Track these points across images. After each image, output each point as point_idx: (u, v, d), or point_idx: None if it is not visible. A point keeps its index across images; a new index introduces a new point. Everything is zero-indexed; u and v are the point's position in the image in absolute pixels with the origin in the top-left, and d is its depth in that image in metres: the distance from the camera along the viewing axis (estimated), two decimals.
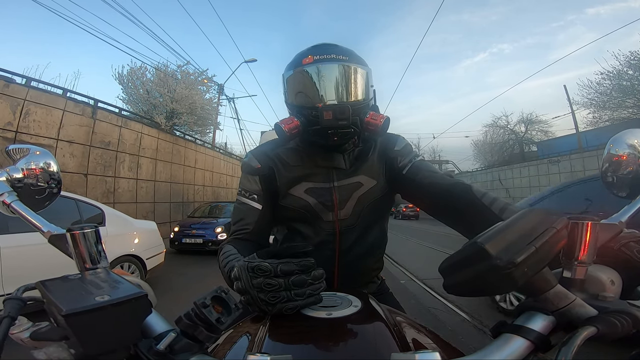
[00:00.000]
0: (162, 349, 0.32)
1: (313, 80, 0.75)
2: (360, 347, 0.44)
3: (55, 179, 0.56)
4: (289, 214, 0.83)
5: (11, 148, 0.55)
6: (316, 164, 0.82)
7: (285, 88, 0.82)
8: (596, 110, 14.61)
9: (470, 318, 3.05)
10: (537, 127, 21.52)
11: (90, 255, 0.39)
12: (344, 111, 0.71)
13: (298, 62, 0.77)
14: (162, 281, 4.30)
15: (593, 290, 0.36)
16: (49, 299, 0.30)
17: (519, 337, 0.34)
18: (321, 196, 0.80)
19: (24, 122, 5.69)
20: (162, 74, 11.19)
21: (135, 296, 0.31)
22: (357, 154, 0.84)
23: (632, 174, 0.49)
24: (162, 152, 9.70)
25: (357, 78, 0.77)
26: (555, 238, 0.32)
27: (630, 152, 0.49)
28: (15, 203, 0.48)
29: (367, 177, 0.82)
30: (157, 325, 0.36)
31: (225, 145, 18.97)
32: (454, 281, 0.33)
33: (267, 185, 0.82)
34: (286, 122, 0.76)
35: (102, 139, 7.38)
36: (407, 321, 0.57)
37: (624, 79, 13.22)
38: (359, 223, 0.82)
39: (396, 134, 0.88)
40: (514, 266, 0.29)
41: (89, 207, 3.49)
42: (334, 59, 0.75)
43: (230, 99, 15.89)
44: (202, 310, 0.33)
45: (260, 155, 0.84)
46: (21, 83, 5.86)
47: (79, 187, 6.54)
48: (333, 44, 0.79)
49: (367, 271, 0.87)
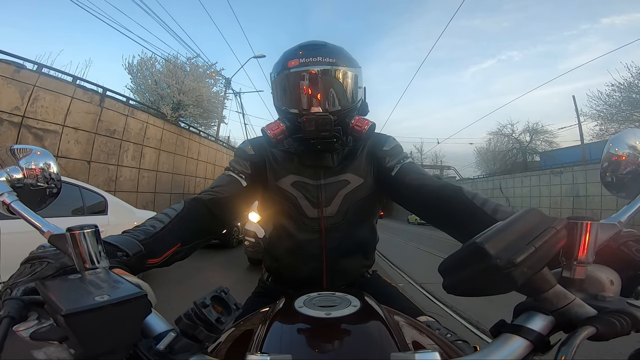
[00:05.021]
0: (162, 349, 0.33)
1: (297, 85, 0.74)
2: (359, 347, 0.44)
3: (55, 180, 0.56)
4: (276, 208, 0.84)
5: (14, 148, 0.56)
6: (305, 163, 0.82)
7: (272, 89, 0.81)
8: (603, 123, 14.41)
9: (467, 322, 3.06)
10: (542, 137, 21.37)
11: (90, 255, 0.39)
12: (326, 123, 0.71)
13: (284, 64, 0.75)
14: (158, 273, 4.28)
15: (592, 290, 0.36)
16: (48, 299, 0.30)
17: (519, 337, 0.33)
18: (308, 192, 0.81)
19: (32, 107, 5.71)
20: (171, 65, 11.20)
21: (135, 296, 0.31)
22: (346, 153, 0.84)
23: (632, 173, 0.48)
24: (166, 142, 9.71)
25: (344, 82, 0.76)
26: (555, 238, 0.32)
27: (630, 151, 0.48)
28: (15, 203, 0.48)
29: (354, 176, 0.82)
30: (156, 325, 0.36)
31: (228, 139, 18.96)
32: (453, 281, 0.33)
33: (256, 173, 0.82)
34: (272, 128, 0.76)
35: (107, 127, 7.40)
36: (406, 321, 0.58)
37: (633, 92, 13.04)
38: (345, 221, 0.81)
39: (387, 134, 0.88)
40: (513, 266, 0.29)
41: (92, 194, 3.49)
42: (320, 62, 0.73)
43: (237, 93, 15.89)
44: (202, 310, 0.33)
45: (255, 143, 0.86)
46: (32, 69, 5.88)
47: (81, 174, 6.57)
48: (321, 43, 0.77)
49: (356, 269, 0.87)
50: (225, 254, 6.15)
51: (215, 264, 5.17)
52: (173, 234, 0.63)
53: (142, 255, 0.54)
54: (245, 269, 4.93)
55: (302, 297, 0.56)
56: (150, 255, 0.57)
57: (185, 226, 0.67)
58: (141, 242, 0.55)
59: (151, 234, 0.59)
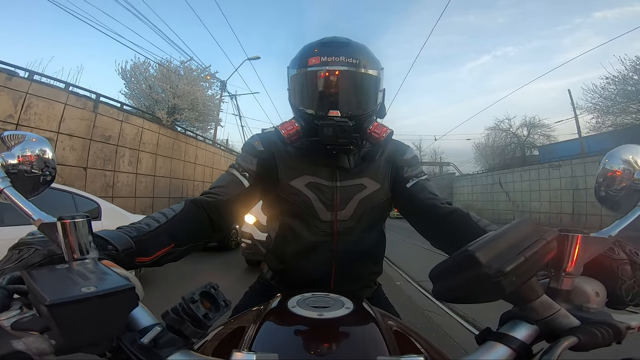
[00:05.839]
0: (146, 342, 0.32)
1: (317, 85, 0.71)
2: (347, 348, 0.44)
3: (50, 167, 0.56)
4: (285, 208, 0.80)
5: (6, 135, 0.54)
6: (320, 162, 0.79)
7: (289, 85, 0.78)
8: (600, 115, 14.54)
9: (463, 320, 3.06)
10: (540, 131, 21.44)
11: (80, 246, 0.38)
12: (344, 129, 0.68)
13: (304, 60, 0.72)
14: (156, 276, 4.27)
15: (578, 301, 0.37)
16: (33, 289, 0.30)
17: (502, 345, 0.34)
18: (322, 194, 0.78)
19: (25, 115, 5.69)
20: (165, 69, 11.22)
21: (122, 288, 0.30)
22: (363, 155, 0.81)
23: (625, 189, 0.49)
24: (163, 147, 9.71)
25: (366, 85, 0.73)
26: (545, 249, 0.33)
27: (625, 167, 0.49)
28: (7, 189, 0.48)
29: (371, 180, 0.80)
30: (142, 318, 0.36)
31: (227, 142, 18.97)
32: (444, 287, 0.34)
33: (265, 171, 0.78)
34: (286, 128, 0.74)
35: (102, 132, 7.38)
36: (398, 325, 0.57)
37: (629, 84, 13.16)
38: (358, 225, 0.79)
39: (406, 144, 0.88)
40: (502, 275, 0.29)
41: (85, 200, 3.48)
42: (342, 62, 0.69)
43: (233, 95, 15.89)
44: (190, 306, 0.32)
45: (265, 139, 0.81)
46: (24, 76, 5.86)
47: (77, 180, 6.55)
48: (344, 40, 0.73)
49: (365, 275, 0.85)
50: (223, 256, 6.17)
51: (213, 266, 5.20)
52: (168, 234, 0.62)
53: (131, 252, 0.54)
54: (242, 270, 4.95)
55: (295, 297, 0.56)
56: (141, 253, 0.56)
57: (182, 227, 0.65)
58: (133, 238, 0.55)
59: (145, 232, 0.58)
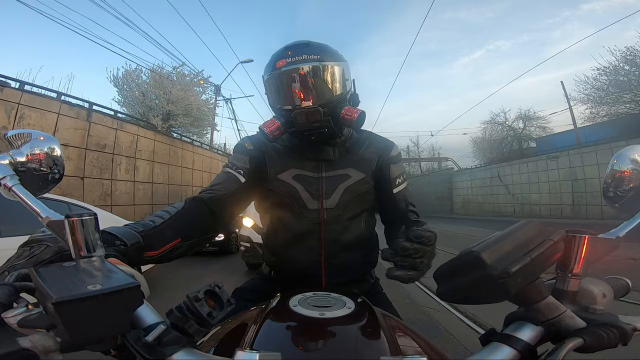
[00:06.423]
0: (150, 340, 0.32)
1: (287, 83, 0.78)
2: (350, 348, 0.44)
3: (59, 164, 0.56)
4: (275, 200, 0.85)
5: (11, 134, 0.54)
6: (306, 156, 0.85)
7: (265, 89, 0.85)
8: (593, 106, 14.59)
9: (465, 317, 3.03)
10: (536, 123, 21.47)
11: (87, 243, 0.38)
12: (315, 114, 0.75)
13: (273, 65, 0.80)
14: (158, 281, 4.27)
15: (584, 302, 0.36)
16: (39, 286, 0.30)
17: (506, 346, 0.34)
18: (309, 184, 0.83)
19: (19, 126, 5.64)
20: (157, 75, 11.18)
21: (128, 286, 0.30)
22: (347, 147, 0.87)
23: (634, 190, 0.48)
24: (159, 153, 9.66)
25: (331, 76, 0.80)
26: (552, 250, 0.32)
27: (634, 167, 0.49)
28: (16, 187, 0.48)
29: (356, 170, 0.85)
30: (147, 316, 0.36)
31: (225, 146, 18.91)
32: (448, 288, 0.34)
33: (256, 167, 0.84)
34: (268, 125, 0.80)
35: (97, 141, 7.34)
36: (399, 325, 0.58)
37: (620, 75, 13.21)
38: (344, 214, 0.83)
39: (391, 140, 0.93)
40: (508, 276, 0.29)
41: (82, 210, 3.45)
42: (306, 60, 0.77)
43: (227, 99, 15.85)
44: (194, 304, 0.32)
45: (254, 139, 0.88)
46: (15, 87, 5.82)
47: (75, 190, 6.51)
48: (305, 42, 0.81)
49: (356, 265, 0.87)
50: (225, 260, 6.19)
51: (215, 270, 5.29)
52: (173, 229, 0.65)
53: (140, 247, 0.55)
54: (244, 273, 5.00)
55: (297, 296, 0.56)
56: (149, 248, 0.58)
57: (186, 222, 0.70)
58: (140, 233, 0.56)
59: (151, 227, 0.61)
